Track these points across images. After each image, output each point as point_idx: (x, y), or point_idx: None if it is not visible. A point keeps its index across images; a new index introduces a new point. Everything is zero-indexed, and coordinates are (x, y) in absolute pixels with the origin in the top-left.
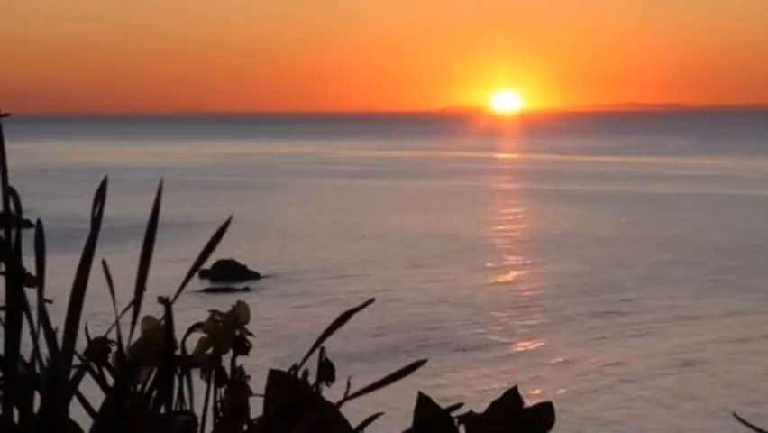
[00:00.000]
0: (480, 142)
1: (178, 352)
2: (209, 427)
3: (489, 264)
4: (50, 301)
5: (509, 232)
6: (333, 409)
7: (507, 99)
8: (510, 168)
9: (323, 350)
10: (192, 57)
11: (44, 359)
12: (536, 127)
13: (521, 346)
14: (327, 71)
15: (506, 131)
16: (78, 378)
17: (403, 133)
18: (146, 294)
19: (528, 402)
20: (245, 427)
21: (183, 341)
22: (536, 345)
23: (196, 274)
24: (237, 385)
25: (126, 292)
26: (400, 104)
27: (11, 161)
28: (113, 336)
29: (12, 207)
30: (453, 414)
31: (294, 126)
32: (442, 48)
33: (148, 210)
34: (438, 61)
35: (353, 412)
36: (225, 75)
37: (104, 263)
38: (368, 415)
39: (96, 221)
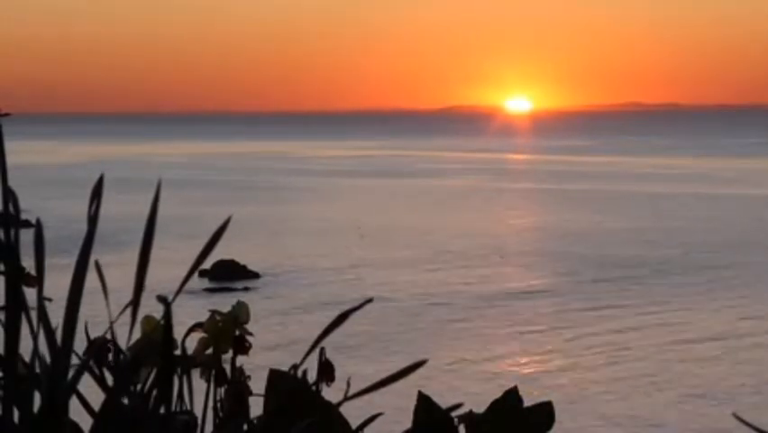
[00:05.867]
0: (485, 141)
1: (178, 352)
2: (209, 427)
3: (486, 262)
4: (50, 299)
5: (507, 231)
6: (333, 409)
7: (514, 99)
8: (514, 168)
9: (322, 350)
10: (195, 57)
11: (44, 358)
12: (543, 126)
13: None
14: (340, 70)
15: (517, 127)
16: (78, 378)
17: (414, 131)
18: (145, 294)
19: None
20: (245, 427)
21: (183, 341)
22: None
23: (196, 274)
24: (237, 385)
25: (126, 292)
26: (413, 102)
27: (10, 161)
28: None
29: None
30: (453, 414)
31: (300, 126)
32: (447, 49)
33: (146, 209)
34: (443, 62)
35: (353, 412)
36: (232, 75)
37: (96, 264)
38: (368, 415)
39: (93, 219)
